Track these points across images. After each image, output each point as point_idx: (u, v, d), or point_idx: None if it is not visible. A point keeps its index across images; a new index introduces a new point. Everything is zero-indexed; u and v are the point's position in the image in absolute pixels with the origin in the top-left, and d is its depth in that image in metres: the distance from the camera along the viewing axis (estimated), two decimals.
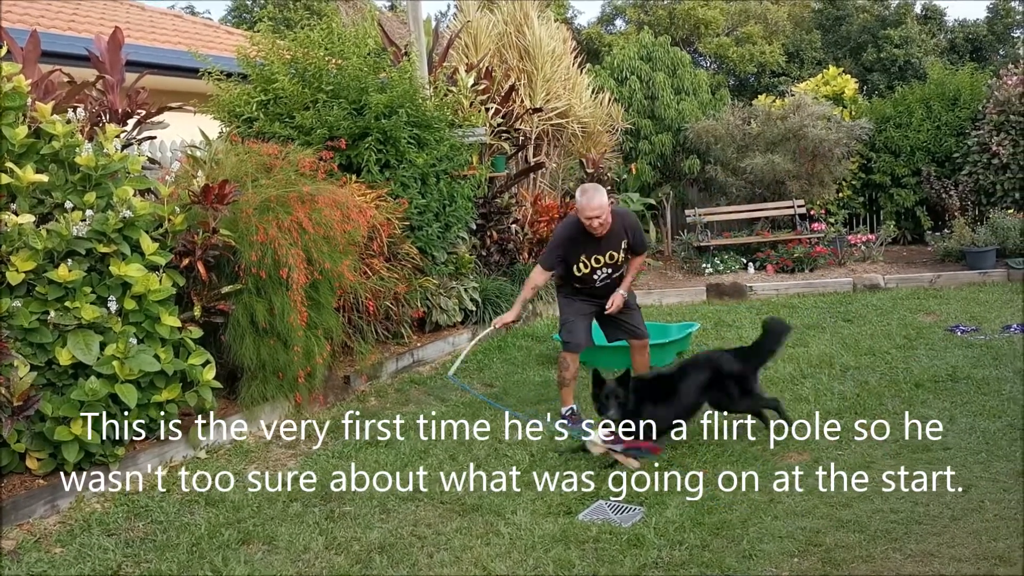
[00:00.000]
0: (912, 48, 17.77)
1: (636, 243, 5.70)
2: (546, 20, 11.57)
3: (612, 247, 5.60)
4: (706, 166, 13.12)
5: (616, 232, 5.56)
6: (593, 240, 5.53)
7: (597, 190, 5.48)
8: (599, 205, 5.39)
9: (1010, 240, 10.69)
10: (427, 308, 7.67)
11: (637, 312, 5.92)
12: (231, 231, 5.32)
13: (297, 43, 7.44)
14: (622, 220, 5.63)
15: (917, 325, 8.09)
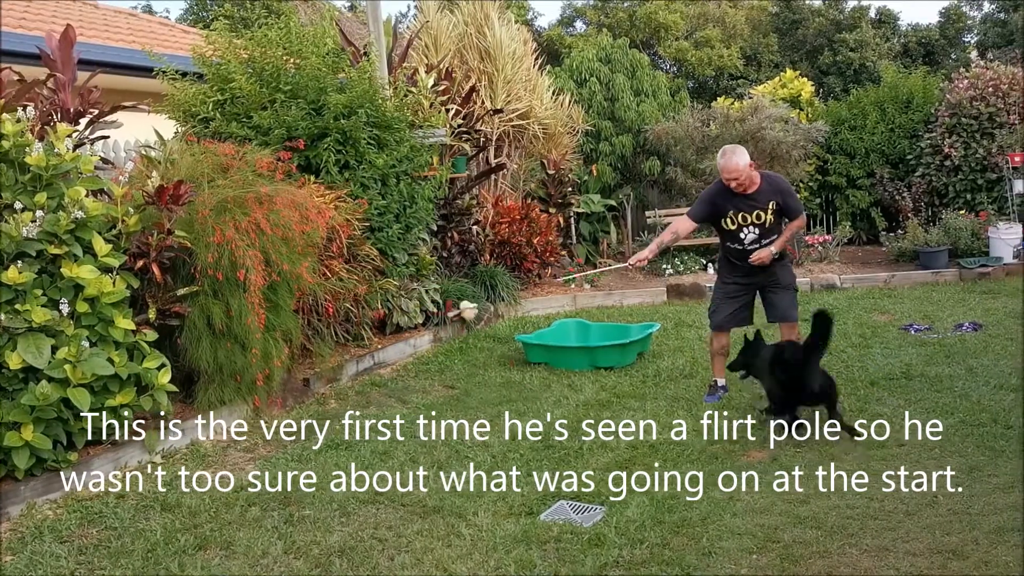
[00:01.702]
0: (867, 52, 18.06)
1: (788, 207, 5.82)
2: (507, 22, 11.57)
3: (759, 207, 5.73)
4: (666, 167, 13.22)
5: (764, 193, 5.73)
6: (740, 197, 5.72)
7: (736, 151, 5.66)
8: (735, 167, 5.60)
9: (962, 240, 10.92)
10: (388, 310, 7.63)
11: (791, 294, 6.00)
12: (187, 232, 5.24)
13: (255, 42, 7.35)
14: (770, 183, 5.81)
15: (872, 324, 8.23)
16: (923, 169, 12.41)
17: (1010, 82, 11.91)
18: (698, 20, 19.66)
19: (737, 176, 5.65)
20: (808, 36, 19.04)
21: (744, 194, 5.73)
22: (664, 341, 7.93)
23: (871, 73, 17.37)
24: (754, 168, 5.75)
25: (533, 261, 10.57)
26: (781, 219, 5.87)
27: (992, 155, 11.64)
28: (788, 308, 6.00)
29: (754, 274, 5.94)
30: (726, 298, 6.06)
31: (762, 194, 5.75)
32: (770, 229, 5.81)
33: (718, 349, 6.15)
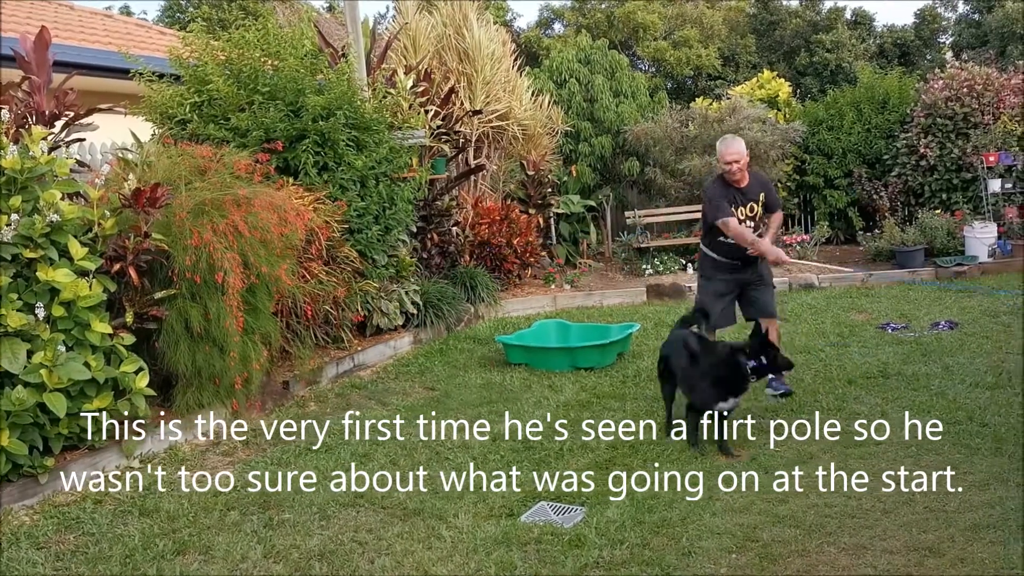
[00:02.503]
0: (843, 53, 18.19)
1: (771, 199, 6.11)
2: (485, 23, 11.57)
3: (752, 199, 6.00)
4: (645, 168, 13.27)
5: (754, 186, 6.02)
6: (737, 192, 5.96)
7: (735, 138, 6.03)
8: (736, 151, 5.88)
9: (937, 239, 11.04)
10: (367, 312, 7.60)
11: (771, 291, 6.22)
12: (164, 235, 5.20)
13: (232, 44, 7.31)
14: (756, 178, 6.15)
15: (850, 323, 8.29)
16: (899, 169, 12.53)
17: (984, 83, 12.06)
18: (676, 20, 19.73)
19: (737, 159, 5.89)
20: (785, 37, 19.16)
21: (739, 189, 5.98)
22: (644, 341, 7.96)
23: (847, 74, 17.51)
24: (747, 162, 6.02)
25: (513, 262, 10.58)
26: (765, 213, 6.12)
27: (967, 155, 11.77)
28: (770, 304, 6.17)
29: (741, 271, 6.07)
30: (716, 296, 6.13)
31: (752, 188, 6.04)
32: (759, 222, 6.07)
33: None
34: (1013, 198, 11.51)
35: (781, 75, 15.70)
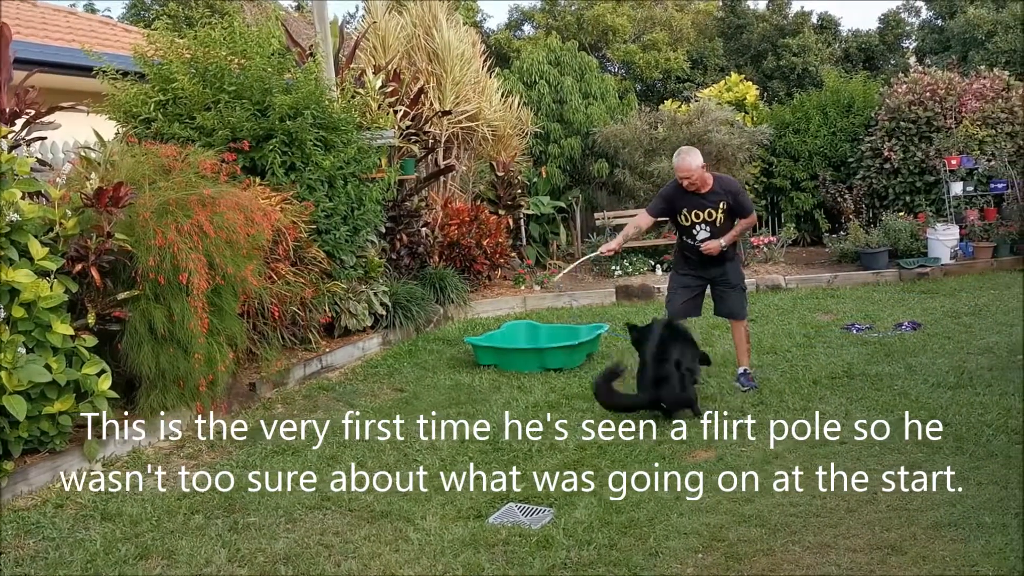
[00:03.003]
0: (809, 56, 18.38)
1: (738, 206, 6.18)
2: (455, 23, 11.55)
3: (711, 206, 6.10)
4: (614, 170, 13.32)
5: (716, 193, 6.11)
6: (693, 196, 6.10)
7: (690, 152, 6.10)
8: (687, 167, 6.01)
9: (901, 241, 11.19)
10: (335, 313, 7.56)
11: (740, 293, 6.36)
12: (127, 235, 5.13)
13: (198, 42, 7.23)
14: (722, 184, 6.21)
15: (816, 324, 8.38)
16: (864, 172, 12.69)
17: (947, 87, 12.25)
18: (645, 23, 19.81)
19: (689, 175, 6.02)
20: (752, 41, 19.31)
21: (697, 193, 6.10)
22: (613, 342, 7.99)
23: (814, 77, 17.71)
24: (707, 170, 6.11)
25: (483, 263, 10.57)
26: (733, 219, 6.20)
27: (930, 158, 11.95)
28: (735, 306, 6.32)
29: (706, 268, 6.25)
30: (680, 287, 6.40)
31: (714, 195, 6.12)
32: (721, 228, 6.15)
33: None
34: (975, 201, 11.69)
35: (749, 78, 15.83)
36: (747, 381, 6.24)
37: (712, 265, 6.24)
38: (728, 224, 6.17)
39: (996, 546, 3.60)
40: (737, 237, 6.26)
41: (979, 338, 7.31)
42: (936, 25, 18.96)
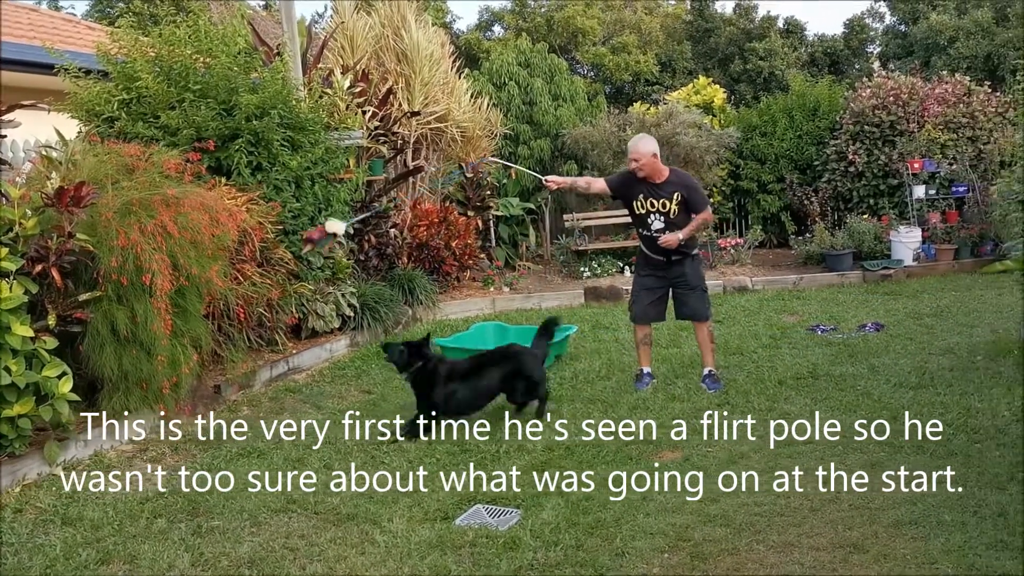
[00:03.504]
0: (776, 60, 18.56)
1: (692, 200, 6.23)
2: (424, 24, 11.52)
3: (665, 196, 6.17)
4: (584, 171, 13.35)
5: (670, 184, 6.18)
6: (648, 185, 6.17)
7: (643, 138, 6.25)
8: (636, 150, 6.11)
9: (865, 244, 11.34)
10: (303, 314, 7.50)
11: (701, 295, 6.39)
12: (89, 235, 5.05)
13: (162, 40, 7.14)
14: (678, 177, 6.30)
15: (781, 325, 8.46)
16: (829, 175, 12.84)
17: (910, 92, 12.43)
18: (615, 26, 19.90)
19: (638, 159, 6.11)
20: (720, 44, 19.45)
21: (652, 183, 6.18)
22: (581, 343, 8.01)
23: (780, 81, 17.89)
24: (659, 162, 6.18)
25: (452, 264, 10.55)
26: (688, 213, 6.22)
27: (893, 161, 12.12)
28: (697, 306, 6.37)
29: (665, 269, 6.30)
30: (643, 290, 6.48)
31: (669, 185, 6.19)
32: (675, 221, 6.19)
33: (642, 339, 6.51)
34: (937, 204, 11.88)
35: (716, 81, 15.95)
36: (713, 383, 6.28)
37: (673, 264, 6.29)
38: (683, 218, 6.20)
39: (955, 544, 3.65)
40: (695, 231, 6.30)
41: (940, 339, 7.43)
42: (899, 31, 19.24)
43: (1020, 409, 5.30)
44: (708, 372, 6.37)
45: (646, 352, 6.55)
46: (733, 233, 13.38)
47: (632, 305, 6.55)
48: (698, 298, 6.37)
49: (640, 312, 6.45)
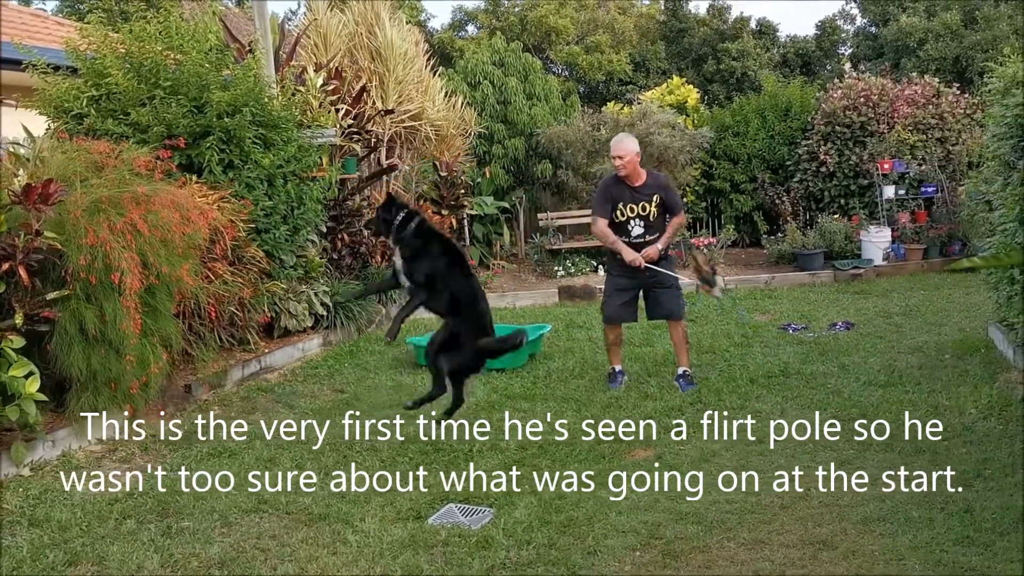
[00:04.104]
0: (748, 61, 18.66)
1: (670, 202, 6.32)
2: (398, 22, 11.48)
3: (644, 199, 6.21)
4: (558, 171, 13.38)
5: (649, 186, 6.25)
6: (627, 191, 6.20)
7: (627, 137, 6.32)
8: (621, 148, 6.15)
9: (836, 243, 11.46)
10: (275, 313, 7.45)
11: (674, 292, 6.41)
12: (57, 233, 4.98)
13: (132, 36, 7.07)
14: (655, 179, 6.38)
15: (753, 324, 8.53)
16: (801, 175, 12.96)
17: (880, 93, 12.57)
18: (588, 26, 19.92)
19: (622, 156, 6.13)
20: (694, 45, 19.53)
21: (631, 187, 6.20)
22: (555, 342, 8.02)
23: (753, 82, 18.00)
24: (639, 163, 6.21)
25: None
26: (664, 216, 6.29)
27: (864, 162, 12.25)
28: (672, 306, 6.40)
29: (639, 270, 6.24)
30: (615, 290, 6.46)
31: (647, 187, 6.25)
32: (654, 224, 6.25)
33: (613, 340, 6.53)
34: (906, 204, 12.03)
35: (690, 81, 16.01)
36: (686, 384, 6.29)
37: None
38: (660, 220, 6.27)
39: (923, 540, 3.70)
40: (671, 239, 6.36)
41: (909, 337, 7.52)
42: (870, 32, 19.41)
43: (986, 407, 5.38)
44: (682, 372, 6.40)
45: (617, 352, 6.58)
46: (706, 232, 13.47)
47: (604, 306, 6.54)
48: (673, 297, 6.40)
49: (612, 313, 6.46)
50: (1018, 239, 5.14)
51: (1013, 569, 3.43)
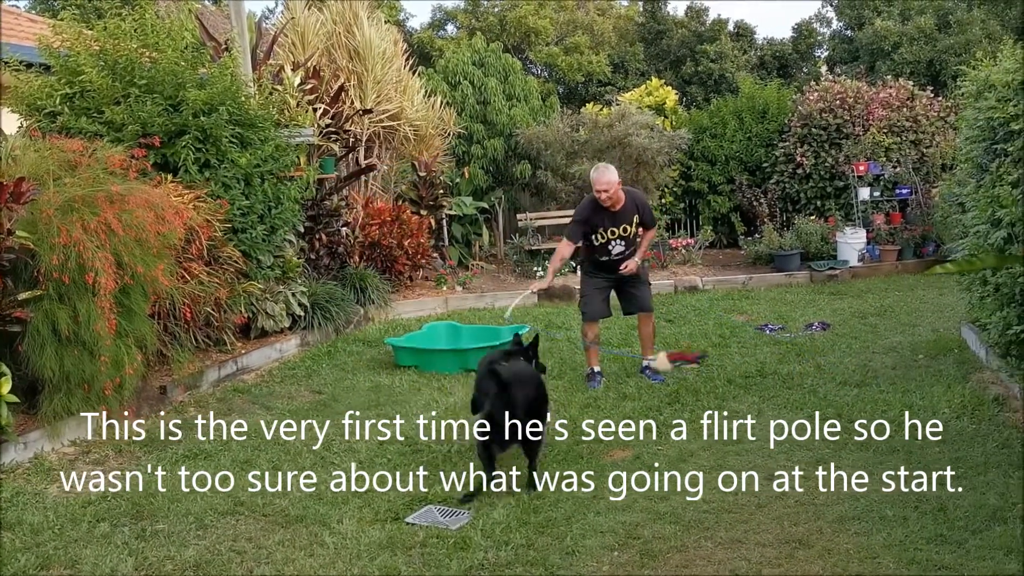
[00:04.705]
0: (726, 63, 18.75)
1: (646, 218, 6.55)
2: (376, 21, 11.44)
3: (625, 221, 6.42)
4: (537, 171, 13.38)
5: (628, 208, 6.43)
6: (608, 214, 6.37)
7: (608, 168, 6.39)
8: (607, 181, 6.27)
9: (812, 244, 11.53)
10: (252, 314, 7.40)
11: (647, 287, 6.74)
12: (30, 233, 4.93)
13: (107, 34, 6.99)
14: (633, 198, 6.53)
15: (731, 324, 8.57)
16: (778, 176, 13.04)
17: (855, 95, 12.67)
18: (567, 27, 19.94)
19: (608, 189, 6.30)
20: (672, 46, 19.59)
21: (612, 212, 6.39)
22: None
23: (730, 84, 18.08)
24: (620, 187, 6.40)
25: (404, 263, 10.49)
26: (639, 229, 6.55)
27: (839, 164, 12.35)
28: (646, 300, 6.70)
29: (615, 272, 6.56)
30: (594, 290, 6.65)
31: (627, 210, 6.46)
32: (632, 239, 6.49)
33: (592, 339, 6.62)
34: (881, 205, 12.13)
35: (668, 83, 16.07)
36: (654, 375, 6.55)
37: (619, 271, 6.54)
38: (636, 235, 6.53)
39: (896, 538, 3.74)
40: (646, 249, 6.68)
41: (884, 338, 7.59)
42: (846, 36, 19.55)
43: (959, 406, 5.43)
44: (650, 363, 6.61)
45: (595, 352, 6.66)
46: (684, 233, 13.51)
47: (584, 304, 6.69)
48: (647, 291, 6.72)
49: (594, 310, 6.63)
50: (990, 241, 5.20)
51: (985, 567, 3.47)
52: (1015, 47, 5.60)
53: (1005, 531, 3.72)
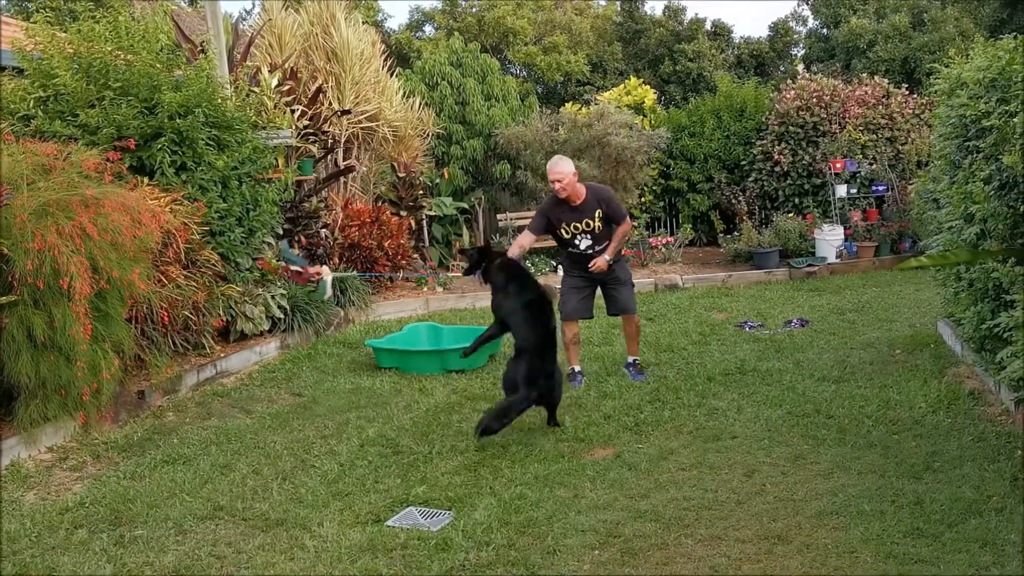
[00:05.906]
0: (704, 62, 18.83)
1: (613, 213, 6.42)
2: (354, 22, 11.40)
3: (587, 216, 6.34)
4: (516, 171, 13.39)
5: (590, 203, 6.35)
6: (570, 209, 6.34)
7: (562, 159, 6.38)
8: (559, 171, 6.23)
9: (791, 242, 11.61)
10: (231, 317, 7.36)
11: (628, 289, 6.64)
12: (3, 238, 4.87)
13: (81, 36, 6.93)
14: (595, 193, 6.44)
15: (711, 322, 8.62)
16: (756, 174, 13.11)
17: (832, 94, 12.77)
18: (545, 27, 19.96)
19: (560, 179, 6.23)
20: (650, 46, 19.64)
21: (573, 207, 6.33)
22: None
23: (708, 83, 18.16)
24: (578, 181, 6.35)
25: (385, 264, 10.47)
26: (610, 225, 6.46)
27: (817, 162, 12.44)
28: (627, 301, 6.62)
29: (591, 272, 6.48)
30: (572, 289, 6.61)
31: (588, 205, 6.36)
32: (600, 235, 6.42)
33: (571, 339, 6.61)
34: (858, 203, 12.23)
35: (647, 82, 16.11)
36: (636, 373, 6.57)
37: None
38: (606, 230, 6.43)
39: (874, 532, 3.77)
40: (618, 247, 6.52)
41: (861, 334, 7.65)
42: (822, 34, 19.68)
43: (936, 401, 5.49)
44: (632, 361, 6.66)
45: (575, 351, 6.66)
46: (664, 232, 13.56)
47: (561, 304, 6.64)
48: (628, 292, 6.64)
49: (571, 309, 6.59)
50: (963, 236, 5.25)
51: (961, 559, 3.51)
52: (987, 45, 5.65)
53: (980, 524, 3.76)
